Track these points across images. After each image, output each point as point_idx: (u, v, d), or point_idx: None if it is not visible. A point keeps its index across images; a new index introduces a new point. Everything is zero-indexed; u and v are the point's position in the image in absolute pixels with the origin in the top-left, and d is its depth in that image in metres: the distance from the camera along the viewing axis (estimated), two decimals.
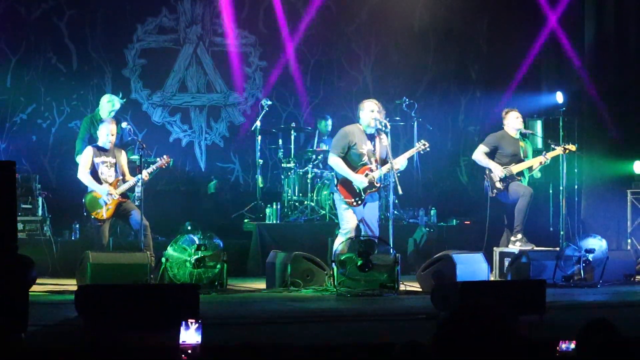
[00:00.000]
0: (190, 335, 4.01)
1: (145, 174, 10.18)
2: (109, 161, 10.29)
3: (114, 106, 11.22)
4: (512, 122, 11.18)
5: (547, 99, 14.19)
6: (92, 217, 10.29)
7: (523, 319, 7.20)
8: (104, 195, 10.13)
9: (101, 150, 10.31)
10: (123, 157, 10.46)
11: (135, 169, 10.56)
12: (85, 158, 10.30)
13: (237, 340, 6.42)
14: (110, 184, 10.22)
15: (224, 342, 6.18)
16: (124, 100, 12.05)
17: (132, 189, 10.40)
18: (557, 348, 4.27)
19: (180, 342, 4.01)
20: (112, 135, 10.33)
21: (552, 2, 14.38)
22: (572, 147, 11.28)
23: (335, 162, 9.82)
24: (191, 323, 4.03)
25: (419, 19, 15.07)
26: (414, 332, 7.02)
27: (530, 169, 11.23)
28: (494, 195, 11.09)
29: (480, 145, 11.32)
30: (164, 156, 10.62)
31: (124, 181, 10.28)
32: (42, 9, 13.53)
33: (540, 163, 11.16)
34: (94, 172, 10.24)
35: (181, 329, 4.05)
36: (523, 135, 11.32)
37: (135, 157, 11.13)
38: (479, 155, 11.20)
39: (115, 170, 10.29)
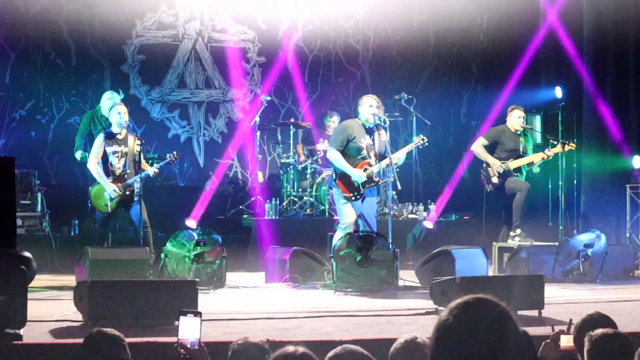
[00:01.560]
0: (189, 330, 4.00)
1: (154, 169, 10.11)
2: (121, 151, 10.05)
3: (117, 103, 11.20)
4: (514, 120, 11.20)
5: (546, 94, 14.19)
6: (97, 210, 10.22)
7: (522, 314, 7.23)
8: (110, 191, 10.02)
9: (113, 139, 10.08)
10: (136, 144, 10.14)
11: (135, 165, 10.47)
12: (96, 147, 10.08)
13: (235, 336, 6.43)
14: (117, 177, 10.08)
15: (222, 337, 6.19)
16: (123, 96, 12.04)
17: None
18: (558, 342, 4.27)
19: (179, 336, 4.00)
20: (124, 114, 10.07)
21: None
22: (572, 146, 11.30)
23: (334, 156, 9.81)
24: (190, 317, 4.02)
25: (418, 13, 15.06)
26: (414, 328, 7.03)
27: (530, 164, 11.24)
28: (489, 190, 11.10)
29: (480, 137, 11.33)
30: (174, 152, 10.47)
31: (139, 168, 10.13)
32: (41, 5, 13.51)
33: (542, 159, 11.17)
34: (105, 162, 10.06)
35: (180, 323, 4.03)
36: (523, 132, 11.33)
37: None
38: (478, 148, 11.21)
39: (125, 163, 10.08)
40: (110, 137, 10.10)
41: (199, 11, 14.38)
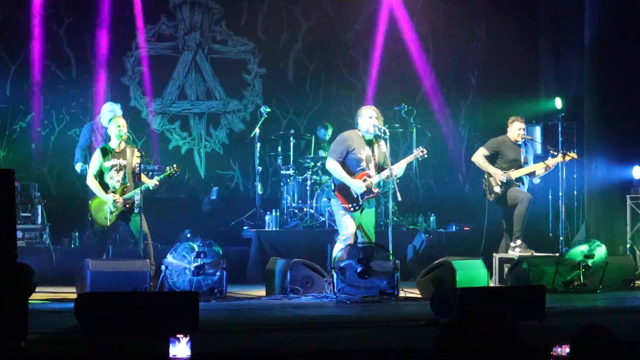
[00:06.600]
0: (180, 349, 4.01)
1: (154, 182, 10.11)
2: (119, 164, 10.03)
3: (116, 114, 11.20)
4: (514, 132, 11.19)
5: (546, 105, 14.20)
6: (96, 222, 10.20)
7: (522, 325, 7.22)
8: (110, 204, 10.00)
9: (111, 152, 10.07)
10: (135, 156, 10.12)
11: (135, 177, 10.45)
12: (93, 162, 10.08)
13: (236, 348, 6.42)
14: (116, 190, 10.07)
15: (223, 349, 6.18)
16: (122, 112, 12.06)
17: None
18: (552, 352, 4.27)
19: (171, 355, 4.01)
20: (123, 127, 10.09)
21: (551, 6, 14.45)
22: (573, 155, 11.30)
23: (333, 166, 9.81)
24: (181, 337, 4.03)
25: (416, 24, 15.08)
26: (414, 339, 7.02)
27: (531, 174, 11.23)
28: (491, 200, 11.10)
29: (481, 148, 11.32)
30: (174, 165, 10.42)
31: (138, 180, 10.14)
32: (41, 17, 13.52)
33: (545, 170, 11.15)
34: (103, 176, 10.02)
35: (170, 343, 4.04)
36: (523, 142, 11.33)
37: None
38: (479, 158, 11.20)
39: (124, 176, 10.06)
40: (108, 152, 10.10)
41: (198, 23, 14.40)
